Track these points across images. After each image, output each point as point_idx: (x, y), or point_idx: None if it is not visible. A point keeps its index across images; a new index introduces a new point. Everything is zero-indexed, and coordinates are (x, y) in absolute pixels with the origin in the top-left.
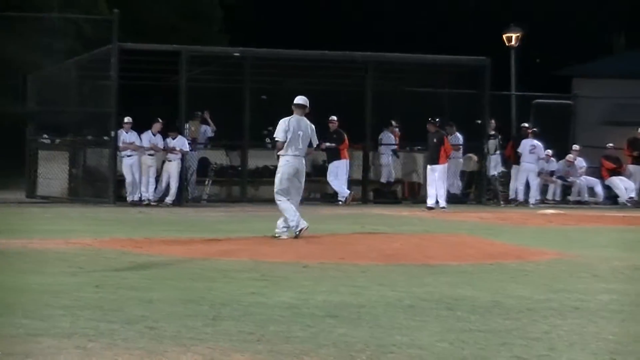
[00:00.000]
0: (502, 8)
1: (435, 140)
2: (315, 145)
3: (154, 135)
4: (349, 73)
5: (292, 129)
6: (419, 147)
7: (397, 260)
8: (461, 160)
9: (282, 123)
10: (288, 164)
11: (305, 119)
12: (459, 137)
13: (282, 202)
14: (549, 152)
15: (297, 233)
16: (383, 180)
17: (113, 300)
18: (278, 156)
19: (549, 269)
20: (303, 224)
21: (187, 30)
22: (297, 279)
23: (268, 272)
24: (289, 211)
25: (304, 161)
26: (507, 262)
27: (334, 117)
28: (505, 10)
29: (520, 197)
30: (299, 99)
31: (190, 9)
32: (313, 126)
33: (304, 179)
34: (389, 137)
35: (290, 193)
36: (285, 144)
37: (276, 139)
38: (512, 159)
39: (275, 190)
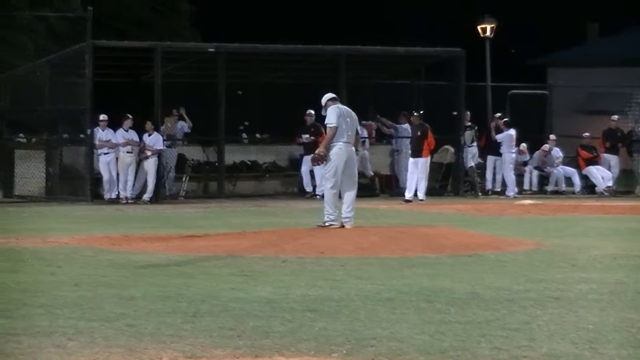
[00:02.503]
0: None
1: (419, 133)
2: (360, 133)
3: (126, 131)
4: (323, 66)
5: (343, 115)
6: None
7: (375, 253)
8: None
9: (334, 109)
10: (341, 152)
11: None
12: (408, 129)
13: (329, 192)
14: (523, 145)
15: (323, 225)
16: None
17: (92, 299)
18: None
19: (527, 259)
20: (336, 223)
21: (159, 25)
22: (275, 273)
23: (246, 267)
24: (331, 205)
25: (354, 149)
26: (485, 253)
27: (312, 111)
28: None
29: (507, 188)
30: (331, 94)
31: (161, 2)
32: (355, 114)
33: (356, 168)
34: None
35: (341, 183)
36: (337, 131)
37: (329, 125)
38: (486, 149)
39: (326, 177)
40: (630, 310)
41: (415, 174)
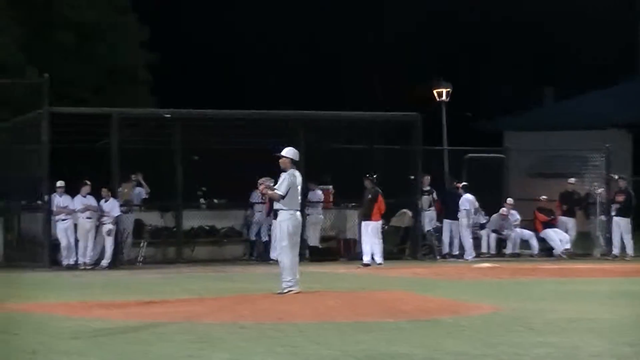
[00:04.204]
0: (431, 63)
1: (369, 196)
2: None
3: (85, 197)
4: (280, 131)
5: (294, 183)
6: (353, 204)
7: (332, 318)
8: (321, 216)
9: (289, 178)
10: (293, 217)
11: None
12: (318, 194)
13: (286, 259)
14: (476, 204)
15: (282, 292)
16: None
17: None
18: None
19: (485, 323)
20: (295, 288)
21: (115, 92)
22: (233, 339)
23: (204, 333)
24: (288, 271)
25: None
26: (443, 317)
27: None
28: (435, 65)
29: (465, 252)
30: (296, 154)
31: (118, 70)
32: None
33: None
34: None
35: (296, 247)
36: (287, 197)
37: (278, 193)
38: (442, 213)
39: (281, 244)
40: None
41: (368, 237)
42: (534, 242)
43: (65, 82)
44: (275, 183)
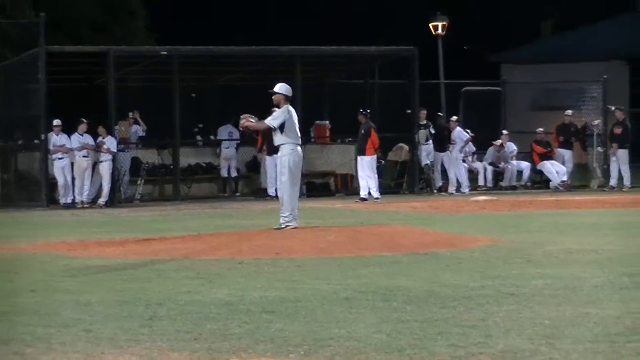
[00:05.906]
0: None
1: (362, 131)
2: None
3: (82, 135)
4: (278, 67)
5: (290, 118)
6: (350, 139)
7: (331, 253)
8: (233, 152)
9: (283, 113)
10: (294, 152)
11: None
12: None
13: (286, 194)
14: (468, 132)
15: (279, 228)
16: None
17: (49, 305)
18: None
19: (483, 256)
20: (292, 224)
21: (113, 30)
22: (232, 275)
23: (203, 269)
24: (287, 207)
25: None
26: (441, 250)
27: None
28: None
29: (461, 185)
30: (288, 89)
31: (116, 7)
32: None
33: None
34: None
35: (297, 183)
36: (284, 132)
37: (270, 125)
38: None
39: (281, 179)
40: (586, 305)
41: (363, 172)
42: (527, 173)
43: (62, 20)
44: (262, 120)
